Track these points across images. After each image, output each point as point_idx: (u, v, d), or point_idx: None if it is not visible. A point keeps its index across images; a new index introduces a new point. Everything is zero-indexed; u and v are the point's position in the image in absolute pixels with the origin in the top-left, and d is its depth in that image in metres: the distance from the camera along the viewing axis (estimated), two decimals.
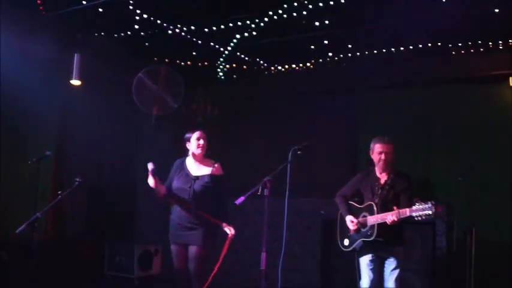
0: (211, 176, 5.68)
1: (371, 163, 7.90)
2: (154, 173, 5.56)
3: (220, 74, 9.58)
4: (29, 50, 7.65)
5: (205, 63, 9.17)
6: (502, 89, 8.69)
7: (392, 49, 8.51)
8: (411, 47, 8.37)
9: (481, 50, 8.26)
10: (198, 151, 5.74)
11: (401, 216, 5.09)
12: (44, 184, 8.64)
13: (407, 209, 5.05)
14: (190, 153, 5.82)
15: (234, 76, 9.81)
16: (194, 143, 5.76)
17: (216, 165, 5.73)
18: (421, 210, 4.95)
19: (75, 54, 7.89)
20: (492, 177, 8.40)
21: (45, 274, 7.56)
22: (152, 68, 7.84)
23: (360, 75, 9.30)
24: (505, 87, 8.63)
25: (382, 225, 5.27)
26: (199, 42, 8.40)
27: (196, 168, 5.76)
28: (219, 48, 8.67)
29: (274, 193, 4.88)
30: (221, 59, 9.08)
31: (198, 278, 5.46)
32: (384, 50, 8.54)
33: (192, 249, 5.49)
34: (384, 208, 5.26)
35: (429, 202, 4.93)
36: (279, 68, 9.52)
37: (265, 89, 10.05)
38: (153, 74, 7.83)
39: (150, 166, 5.54)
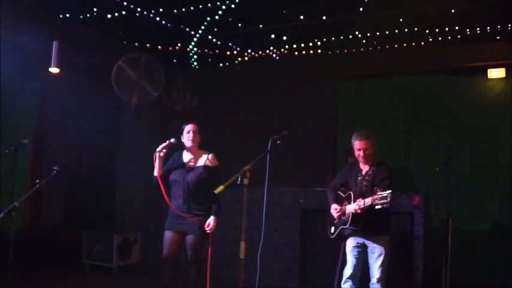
0: (205, 167, 5.76)
1: (350, 154, 7.97)
2: (162, 153, 5.76)
3: (193, 59, 9.45)
4: (6, 37, 7.53)
5: (176, 47, 9.04)
6: (481, 81, 8.77)
7: (374, 41, 8.54)
8: (392, 38, 8.40)
9: (461, 40, 8.31)
10: (189, 143, 5.83)
11: (365, 206, 5.21)
12: (21, 173, 8.56)
13: (370, 198, 5.16)
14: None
15: (209, 61, 9.63)
16: (185, 135, 5.86)
17: (210, 156, 5.82)
18: (379, 199, 5.06)
19: (54, 42, 7.79)
20: (470, 167, 8.51)
21: (23, 263, 7.51)
22: (132, 56, 7.79)
23: (341, 66, 9.33)
24: (484, 78, 8.71)
25: (356, 214, 5.38)
26: (169, 25, 8.29)
27: (190, 160, 5.86)
28: (189, 32, 8.56)
29: (254, 182, 4.89)
30: (192, 43, 8.99)
31: (195, 265, 5.67)
32: (364, 41, 8.56)
33: (190, 238, 5.64)
34: (362, 197, 5.32)
35: (387, 191, 5.02)
36: (253, 53, 9.44)
37: (245, 79, 10.03)
38: (132, 62, 7.79)
39: (171, 140, 5.77)
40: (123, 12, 7.74)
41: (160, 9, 7.78)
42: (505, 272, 8.04)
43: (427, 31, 8.15)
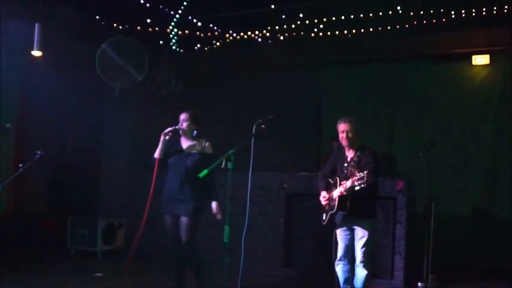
0: (201, 153, 6.02)
1: (335, 139, 8.00)
2: (167, 136, 6.02)
3: (174, 41, 9.32)
4: None
5: (156, 28, 8.93)
6: (466, 67, 8.82)
7: (357, 26, 8.54)
8: (376, 23, 8.41)
9: (445, 27, 8.33)
10: (184, 131, 6.09)
11: (347, 187, 5.27)
12: (4, 157, 8.51)
13: (350, 180, 5.23)
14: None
15: (190, 44, 9.51)
16: (181, 123, 6.10)
17: (206, 144, 6.11)
18: (357, 179, 5.12)
19: (36, 24, 7.71)
20: (452, 153, 8.58)
21: (6, 248, 7.49)
22: (116, 39, 7.73)
23: (325, 51, 9.33)
24: (468, 65, 8.76)
25: (342, 198, 5.44)
26: (148, 5, 8.18)
27: (188, 146, 6.12)
28: (169, 12, 8.45)
29: (238, 167, 4.90)
30: (172, 24, 8.86)
31: (188, 245, 5.95)
32: (348, 27, 8.55)
33: (183, 220, 5.91)
34: (351, 188, 5.36)
35: (364, 172, 5.10)
36: (235, 35, 9.36)
37: (229, 63, 10.00)
38: (116, 46, 7.72)
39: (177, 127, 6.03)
40: None
41: None
42: (485, 255, 8.16)
43: (411, 14, 8.14)
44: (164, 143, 6.02)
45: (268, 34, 9.15)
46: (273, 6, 8.20)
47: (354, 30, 8.78)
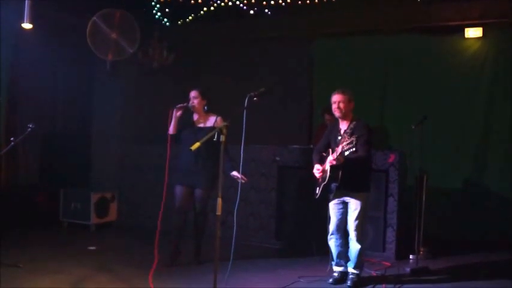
0: (213, 128, 6.18)
1: (326, 111, 8.00)
2: (179, 113, 6.35)
3: (156, 9, 9.07)
4: None
5: None
6: (458, 40, 8.79)
7: None
8: None
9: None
10: (194, 107, 6.44)
11: (338, 154, 5.29)
12: None
13: (340, 146, 5.25)
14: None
15: (174, 12, 9.28)
16: (192, 100, 6.44)
17: (218, 118, 6.44)
18: (346, 144, 5.17)
19: None
20: (444, 126, 8.60)
21: None
22: (107, 11, 7.65)
23: (316, 23, 9.27)
24: (461, 38, 8.73)
25: (334, 169, 5.47)
26: None
27: (200, 121, 6.51)
28: None
29: (230, 140, 4.90)
30: None
31: (202, 215, 6.46)
32: None
33: (198, 192, 6.39)
34: (341, 154, 5.37)
35: (352, 137, 5.17)
36: (219, 2, 9.14)
37: (221, 36, 9.93)
38: (108, 18, 7.65)
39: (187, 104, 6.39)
40: None
41: None
42: (476, 228, 8.23)
43: None
44: (177, 119, 6.34)
45: (254, 2, 8.93)
46: None
47: (345, 4, 8.70)
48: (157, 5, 9.03)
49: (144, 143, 9.28)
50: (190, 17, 9.61)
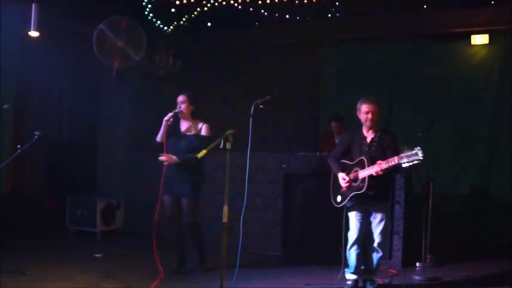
0: (196, 135, 6.23)
1: (333, 118, 7.99)
2: (169, 122, 6.20)
3: (148, 10, 8.99)
4: None
5: None
6: (465, 47, 8.77)
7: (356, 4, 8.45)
8: (374, 2, 8.34)
9: (444, 6, 8.27)
10: (181, 113, 6.29)
11: (390, 164, 5.22)
12: (2, 138, 8.50)
13: (396, 157, 5.19)
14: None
15: (166, 13, 9.20)
16: (179, 105, 6.29)
17: (203, 126, 6.29)
18: (408, 156, 5.08)
19: (33, 5, 7.63)
20: (451, 133, 8.58)
21: (6, 229, 7.50)
22: (113, 19, 7.67)
23: (323, 29, 9.26)
24: (467, 44, 8.72)
25: (372, 178, 5.39)
26: None
27: (185, 128, 6.34)
28: None
29: (236, 147, 4.89)
30: None
31: (194, 224, 6.31)
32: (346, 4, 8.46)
33: (184, 201, 6.25)
34: (373, 163, 5.36)
35: (415, 148, 5.07)
36: (212, 1, 9.05)
37: (227, 41, 9.93)
38: (114, 26, 7.68)
39: (176, 110, 6.24)
40: None
41: None
42: (483, 235, 8.19)
43: None
44: (166, 128, 6.18)
45: (248, 0, 8.70)
46: None
47: (352, 11, 8.70)
48: (149, 5, 8.81)
49: (150, 150, 9.26)
50: (183, 18, 9.36)
